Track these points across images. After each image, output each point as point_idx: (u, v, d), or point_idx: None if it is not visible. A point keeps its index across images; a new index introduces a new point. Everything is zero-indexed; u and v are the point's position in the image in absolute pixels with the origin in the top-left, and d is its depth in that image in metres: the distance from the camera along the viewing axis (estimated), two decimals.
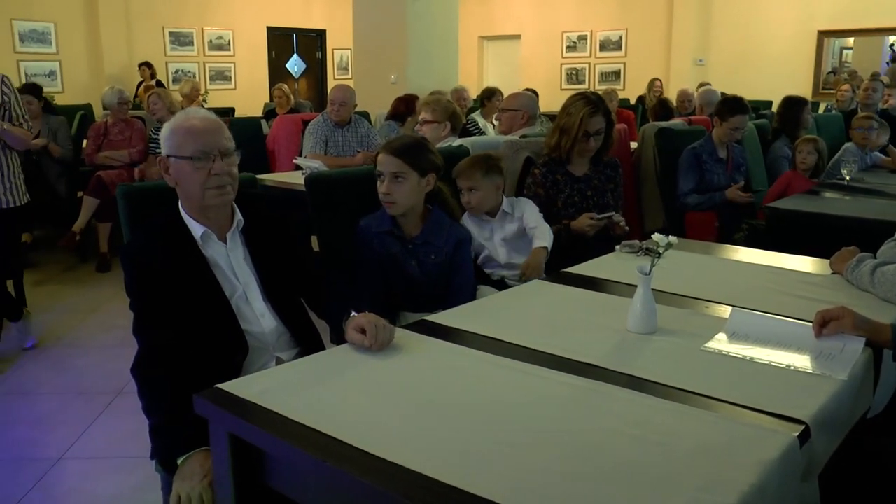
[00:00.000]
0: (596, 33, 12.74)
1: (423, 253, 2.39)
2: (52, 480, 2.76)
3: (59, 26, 10.71)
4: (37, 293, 4.82)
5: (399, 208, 2.37)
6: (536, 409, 1.44)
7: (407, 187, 2.34)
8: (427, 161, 2.38)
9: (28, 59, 10.48)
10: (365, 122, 5.41)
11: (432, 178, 2.39)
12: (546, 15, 13.14)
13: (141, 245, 1.94)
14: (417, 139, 2.52)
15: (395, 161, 2.34)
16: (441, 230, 2.42)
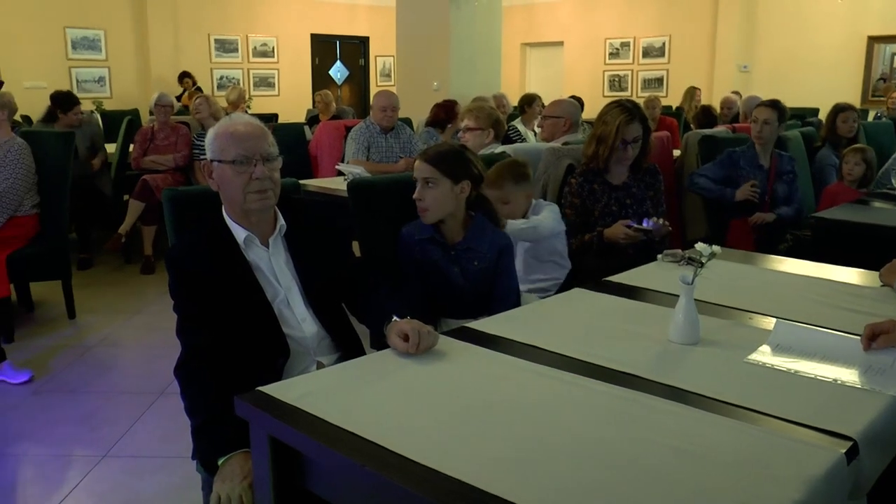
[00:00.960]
0: (639, 40, 12.64)
1: (465, 259, 2.39)
2: (97, 477, 2.81)
3: (109, 33, 10.97)
4: (83, 294, 4.92)
5: (431, 215, 2.37)
6: (576, 418, 1.43)
7: (437, 193, 2.34)
8: (461, 169, 2.37)
9: (79, 66, 10.75)
10: (407, 129, 5.43)
11: (467, 186, 2.38)
12: (589, 21, 13.08)
13: (185, 248, 1.97)
14: (455, 148, 2.52)
15: (427, 167, 2.35)
16: (484, 237, 2.41)
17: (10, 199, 4.23)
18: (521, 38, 13.87)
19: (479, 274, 2.39)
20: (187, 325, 1.89)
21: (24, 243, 4.32)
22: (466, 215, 2.43)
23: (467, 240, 2.40)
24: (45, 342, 4.23)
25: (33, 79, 9.93)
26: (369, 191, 2.58)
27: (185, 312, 1.90)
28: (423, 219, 2.39)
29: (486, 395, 1.53)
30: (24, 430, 3.23)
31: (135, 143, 6.20)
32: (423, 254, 2.40)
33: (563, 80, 13.21)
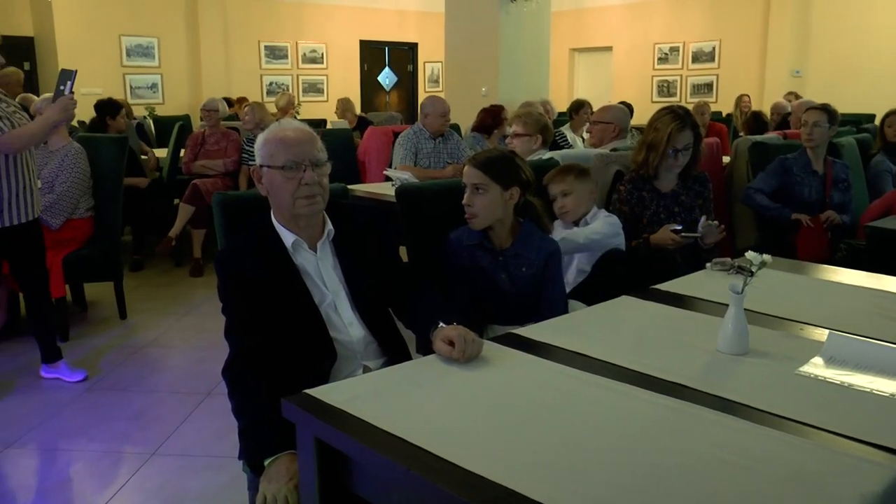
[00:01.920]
0: (688, 44, 12.49)
1: (513, 265, 2.38)
2: (146, 474, 2.87)
3: (162, 41, 11.22)
4: (133, 296, 5.03)
5: (479, 221, 2.37)
6: (623, 427, 1.41)
7: (487, 199, 2.34)
8: (510, 174, 2.37)
9: (133, 73, 11.01)
10: (455, 135, 5.43)
11: (516, 192, 2.38)
12: (638, 26, 12.96)
13: (234, 252, 2.00)
14: (504, 153, 2.51)
15: (477, 173, 2.35)
16: (532, 243, 2.40)
17: (66, 203, 4.35)
18: (570, 44, 13.81)
19: (526, 280, 2.38)
20: (236, 327, 1.91)
21: (79, 245, 4.44)
22: (515, 221, 2.43)
23: (515, 246, 2.40)
24: (97, 341, 4.34)
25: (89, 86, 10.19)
26: (417, 196, 2.59)
27: (234, 315, 1.92)
28: (471, 224, 2.39)
29: (532, 402, 1.53)
30: (77, 426, 3.31)
31: (186, 148, 6.33)
32: (472, 259, 2.40)
33: (611, 86, 13.11)
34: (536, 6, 7.60)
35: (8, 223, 3.37)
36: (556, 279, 2.42)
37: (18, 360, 3.99)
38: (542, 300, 2.38)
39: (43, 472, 2.99)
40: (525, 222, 2.43)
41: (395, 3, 13.73)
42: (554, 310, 2.33)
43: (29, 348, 3.93)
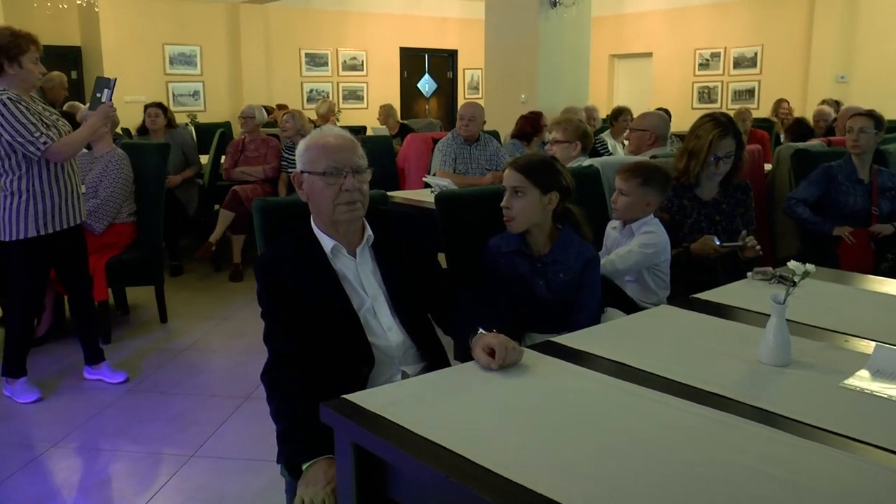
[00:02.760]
0: (730, 50, 12.32)
1: (551, 271, 2.37)
2: (185, 475, 2.91)
3: (204, 49, 11.40)
4: (174, 300, 5.11)
5: (517, 224, 2.37)
6: (662, 437, 1.40)
7: (525, 203, 2.34)
8: (550, 179, 2.36)
9: (175, 80, 11.20)
10: (494, 141, 5.42)
11: (555, 197, 2.37)
12: (678, 32, 12.83)
13: (274, 257, 2.02)
14: (545, 158, 2.51)
15: (516, 176, 2.35)
16: (570, 249, 2.39)
17: (110, 207, 4.44)
18: (610, 50, 13.72)
19: (564, 286, 2.37)
20: (275, 331, 1.93)
21: (121, 250, 4.53)
22: (553, 227, 2.42)
23: (553, 252, 2.39)
24: (138, 344, 4.41)
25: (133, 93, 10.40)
26: (457, 203, 2.59)
27: (273, 319, 1.94)
28: (509, 228, 2.39)
29: (570, 410, 1.52)
30: (119, 427, 3.37)
31: (226, 155, 6.41)
32: (510, 266, 2.39)
33: (651, 92, 12.99)
34: (577, 12, 7.57)
35: (53, 229, 3.45)
36: (592, 285, 2.40)
37: (63, 362, 4.07)
38: (576, 306, 2.37)
39: (85, 470, 3.04)
40: (564, 228, 2.43)
41: (436, 11, 13.78)
42: (588, 315, 2.31)
43: (73, 350, 4.01)
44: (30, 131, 3.26)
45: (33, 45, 3.36)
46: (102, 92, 3.47)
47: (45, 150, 3.29)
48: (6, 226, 3.40)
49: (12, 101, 3.27)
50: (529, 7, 7.47)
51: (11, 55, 3.30)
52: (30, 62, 3.34)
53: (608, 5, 13.01)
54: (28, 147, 3.27)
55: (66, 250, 3.60)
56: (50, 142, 3.29)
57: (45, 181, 3.39)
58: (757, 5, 11.84)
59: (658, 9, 13.09)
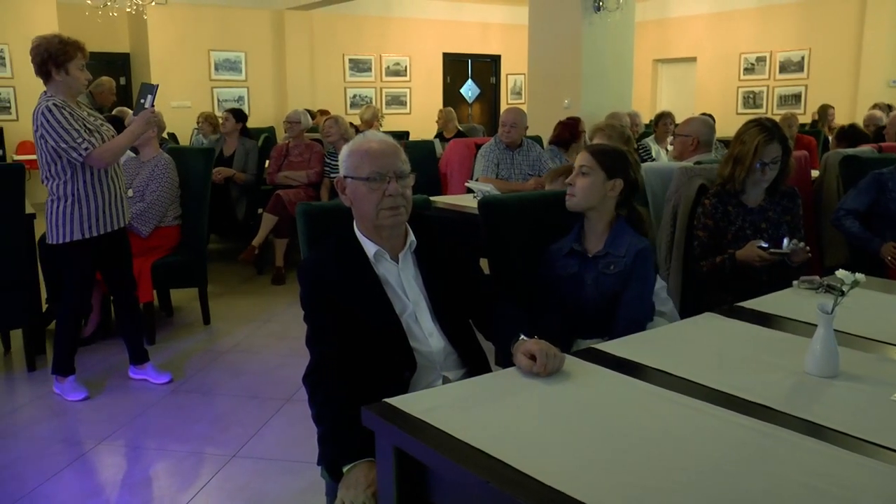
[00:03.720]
0: (776, 54, 12.12)
1: (602, 265, 2.37)
2: (227, 475, 2.94)
3: (249, 55, 11.57)
4: (217, 303, 5.18)
5: (575, 203, 2.39)
6: (705, 447, 1.38)
7: (588, 182, 2.37)
8: (617, 166, 2.39)
9: (220, 86, 11.38)
10: (536, 147, 5.40)
11: (618, 184, 2.38)
12: (723, 36, 12.66)
13: (317, 261, 2.03)
14: (619, 148, 2.54)
15: (586, 156, 2.40)
16: (622, 241, 2.38)
17: (156, 211, 4.53)
18: (653, 55, 13.60)
19: (613, 280, 2.35)
20: (317, 335, 1.94)
21: (166, 252, 4.61)
22: (612, 220, 2.41)
23: (606, 246, 2.39)
24: (182, 345, 4.49)
25: (179, 99, 10.60)
26: (500, 208, 2.58)
27: (316, 323, 1.96)
28: (568, 203, 2.41)
29: (613, 418, 1.51)
30: (162, 426, 3.43)
31: (270, 160, 6.50)
32: (563, 268, 2.41)
33: (694, 97, 12.84)
34: (620, 17, 7.53)
35: (98, 232, 3.53)
36: (640, 278, 2.36)
37: (109, 361, 4.16)
38: (623, 300, 2.34)
39: (130, 467, 3.10)
40: (619, 220, 2.42)
41: (479, 16, 13.81)
42: (634, 311, 2.30)
43: (119, 350, 4.09)
44: (73, 137, 3.33)
45: (80, 52, 3.45)
46: (146, 98, 3.54)
47: (86, 156, 3.36)
48: (53, 229, 3.49)
49: (57, 107, 3.35)
50: (573, 12, 7.45)
51: (59, 62, 3.38)
52: (76, 69, 3.42)
53: (652, 10, 12.91)
54: (70, 153, 3.35)
55: (111, 253, 3.67)
56: (91, 147, 3.37)
57: (89, 185, 3.47)
58: (804, 8, 11.62)
59: (702, 13, 12.93)
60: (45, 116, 3.33)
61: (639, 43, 8.75)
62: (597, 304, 2.37)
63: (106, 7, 7.99)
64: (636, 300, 2.35)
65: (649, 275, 2.41)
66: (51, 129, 3.32)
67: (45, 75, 3.42)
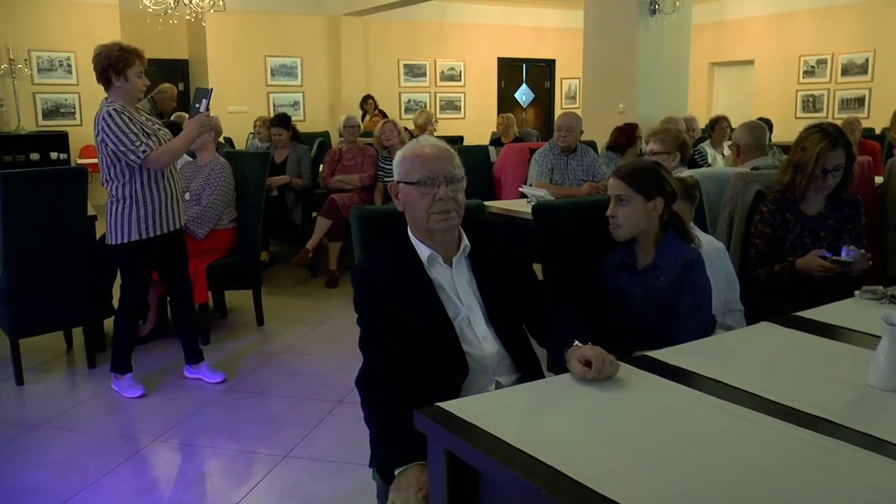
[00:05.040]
0: (838, 56, 11.79)
1: (652, 278, 2.34)
2: (279, 475, 2.98)
3: (305, 61, 11.72)
4: (271, 304, 5.26)
5: (623, 233, 2.36)
6: (761, 459, 1.35)
7: (630, 210, 2.33)
8: (653, 185, 2.34)
9: (276, 91, 11.56)
10: (591, 152, 5.37)
11: (660, 203, 2.34)
12: (782, 38, 12.38)
13: (370, 265, 2.05)
14: (647, 164, 2.47)
15: (619, 184, 2.35)
16: (671, 252, 2.35)
17: (212, 214, 4.62)
18: (710, 58, 13.37)
19: (663, 292, 2.32)
20: (370, 338, 1.96)
21: (221, 254, 4.70)
22: (659, 234, 2.38)
23: (656, 259, 2.36)
24: (236, 346, 4.56)
25: (236, 104, 10.79)
26: (554, 214, 2.57)
27: (368, 326, 1.97)
28: (614, 235, 2.38)
29: (666, 427, 1.49)
30: (215, 425, 3.49)
31: (324, 164, 6.58)
32: (615, 281, 2.39)
33: (752, 101, 12.58)
34: (677, 19, 7.43)
35: (154, 233, 3.61)
36: (693, 288, 2.32)
37: (165, 360, 4.25)
38: (679, 313, 2.31)
39: (184, 464, 3.17)
40: (667, 234, 2.38)
41: (534, 20, 13.77)
42: (694, 324, 2.26)
43: (175, 349, 4.18)
44: (131, 140, 3.43)
45: (138, 59, 3.55)
46: (201, 102, 3.62)
47: (144, 159, 3.45)
48: (112, 230, 3.59)
49: (117, 111, 3.46)
50: (629, 15, 7.38)
51: (119, 68, 3.49)
52: (135, 75, 3.53)
53: (709, 12, 12.70)
54: (129, 155, 3.44)
55: (168, 254, 3.76)
56: (148, 150, 3.46)
57: (146, 187, 3.56)
58: (868, 9, 11.29)
59: (760, 14, 12.66)
60: (106, 121, 3.43)
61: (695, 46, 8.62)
62: (649, 316, 2.34)
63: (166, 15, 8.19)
64: (693, 310, 2.32)
65: (703, 284, 2.36)
66: (111, 133, 3.42)
67: (106, 82, 3.53)
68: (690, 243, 2.39)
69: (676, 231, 2.40)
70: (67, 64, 9.70)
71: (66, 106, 9.81)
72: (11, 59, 9.20)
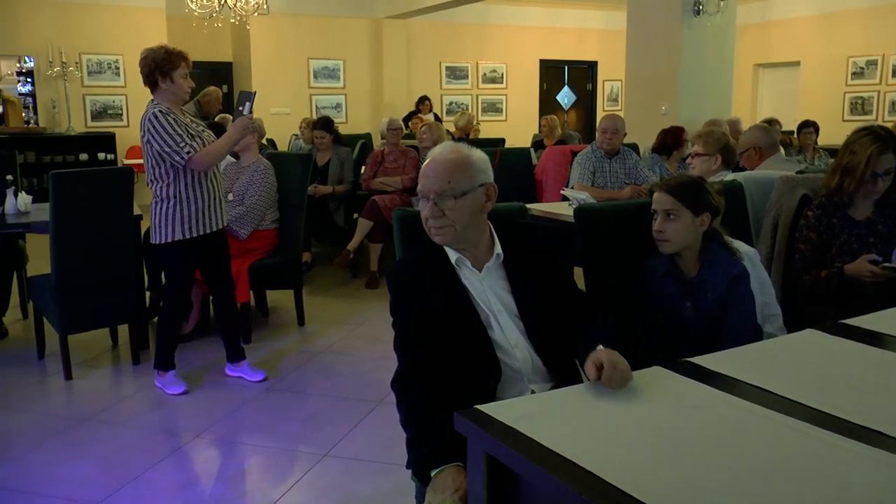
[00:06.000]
0: (888, 57, 11.51)
1: (700, 291, 2.33)
2: (318, 474, 3.01)
3: (347, 63, 11.82)
4: (312, 304, 5.31)
5: (671, 246, 2.35)
6: (807, 471, 1.32)
7: (679, 226, 2.32)
8: (702, 201, 2.33)
9: (319, 94, 11.67)
10: (633, 154, 5.31)
11: (707, 219, 2.34)
12: (830, 38, 12.13)
13: (405, 268, 2.06)
14: (694, 179, 2.47)
15: (669, 199, 2.33)
16: (717, 266, 2.33)
17: (254, 214, 4.68)
18: (755, 59, 13.15)
19: (711, 305, 2.30)
20: (404, 340, 1.97)
21: (263, 255, 4.76)
22: (702, 247, 2.38)
23: (702, 272, 2.35)
24: (276, 345, 4.61)
25: (279, 106, 10.92)
26: (597, 217, 2.53)
27: (402, 328, 1.98)
28: (661, 249, 2.37)
29: (709, 434, 1.46)
30: (256, 422, 3.54)
31: (366, 165, 6.61)
32: (660, 288, 2.37)
33: (797, 103, 12.34)
34: (721, 20, 7.33)
35: (197, 232, 3.67)
36: (739, 301, 2.31)
37: (207, 358, 4.32)
38: (727, 323, 2.29)
39: (225, 461, 3.22)
40: (712, 246, 2.37)
41: (576, 22, 13.70)
42: (738, 333, 2.23)
43: (217, 347, 4.25)
44: (175, 142, 3.50)
45: (184, 61, 3.63)
46: (244, 105, 3.68)
47: (188, 160, 3.52)
48: (156, 229, 3.66)
49: (163, 113, 3.53)
50: (672, 16, 7.31)
51: (165, 71, 3.57)
52: (180, 77, 3.60)
53: (754, 13, 12.50)
54: (174, 156, 3.51)
55: (210, 253, 3.82)
56: (193, 151, 3.52)
57: (190, 188, 3.62)
58: None
59: (808, 15, 12.42)
60: (152, 122, 3.51)
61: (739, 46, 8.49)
62: (696, 326, 2.32)
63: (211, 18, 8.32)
64: (740, 321, 2.30)
65: (748, 295, 2.36)
66: (156, 134, 3.49)
67: (153, 84, 3.61)
68: (733, 256, 2.37)
69: (719, 243, 2.38)
70: (116, 66, 9.91)
71: (114, 107, 10.03)
72: (63, 62, 9.43)
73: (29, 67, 9.48)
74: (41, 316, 4.27)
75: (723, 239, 2.40)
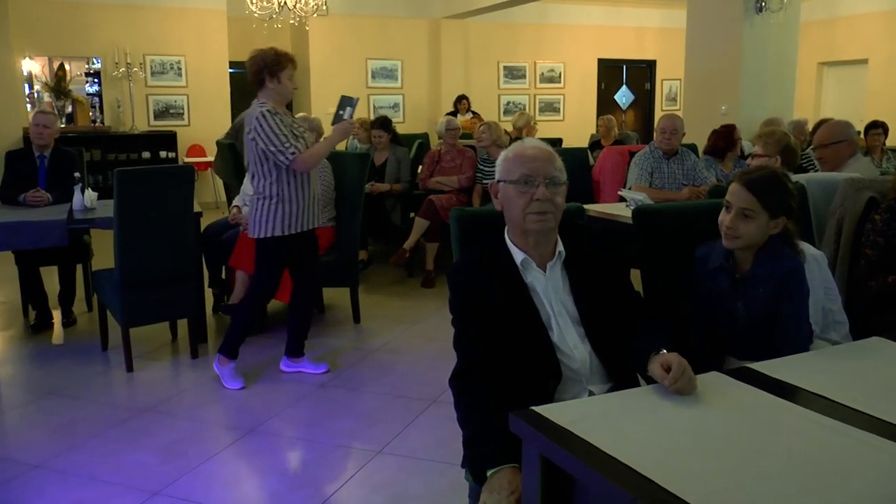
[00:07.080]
0: None
1: (750, 287, 2.23)
2: (372, 470, 3.04)
3: (405, 63, 11.88)
4: (368, 303, 5.35)
5: (739, 243, 2.21)
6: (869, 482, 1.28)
7: (753, 227, 2.18)
8: (782, 202, 2.19)
9: (377, 93, 11.76)
10: (692, 155, 5.20)
11: (782, 223, 2.20)
12: None
13: (465, 266, 2.06)
14: (776, 173, 2.29)
15: (749, 197, 2.17)
16: (770, 261, 2.21)
17: None
18: (819, 58, 12.78)
19: (763, 302, 2.21)
20: (463, 339, 1.97)
21: (320, 252, 4.79)
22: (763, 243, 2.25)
23: (755, 266, 2.23)
24: (333, 343, 4.66)
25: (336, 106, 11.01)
26: (656, 218, 2.50)
27: (462, 327, 1.98)
28: (726, 243, 2.23)
29: (767, 442, 1.43)
30: (312, 418, 3.58)
31: (423, 165, 6.64)
32: (713, 283, 2.29)
33: (864, 103, 11.95)
34: (784, 17, 7.15)
35: (295, 230, 3.77)
36: (793, 297, 2.20)
37: (263, 354, 4.38)
38: (780, 321, 2.19)
39: (280, 455, 3.27)
40: (770, 240, 2.23)
41: (635, 20, 13.53)
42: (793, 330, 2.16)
43: (273, 343, 4.33)
44: (281, 141, 3.58)
45: (291, 63, 3.74)
46: (345, 110, 3.77)
47: (292, 160, 3.60)
48: (256, 224, 3.76)
49: (270, 113, 3.61)
50: (734, 14, 7.16)
51: (273, 71, 3.67)
52: (286, 78, 3.71)
53: (818, 9, 12.14)
54: (278, 156, 3.59)
55: (303, 250, 3.90)
56: (297, 152, 3.61)
57: (293, 187, 3.71)
58: None
59: (876, 10, 12.00)
60: (259, 121, 3.59)
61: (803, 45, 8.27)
62: (748, 324, 2.24)
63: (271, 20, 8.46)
64: (794, 319, 2.20)
65: (804, 292, 2.23)
66: (262, 133, 3.58)
67: (259, 83, 3.71)
68: (797, 255, 2.25)
69: (782, 240, 2.25)
70: (178, 67, 10.14)
71: (176, 107, 10.26)
72: (128, 62, 9.70)
73: (96, 68, 9.77)
74: (105, 309, 4.40)
75: (793, 239, 2.27)
